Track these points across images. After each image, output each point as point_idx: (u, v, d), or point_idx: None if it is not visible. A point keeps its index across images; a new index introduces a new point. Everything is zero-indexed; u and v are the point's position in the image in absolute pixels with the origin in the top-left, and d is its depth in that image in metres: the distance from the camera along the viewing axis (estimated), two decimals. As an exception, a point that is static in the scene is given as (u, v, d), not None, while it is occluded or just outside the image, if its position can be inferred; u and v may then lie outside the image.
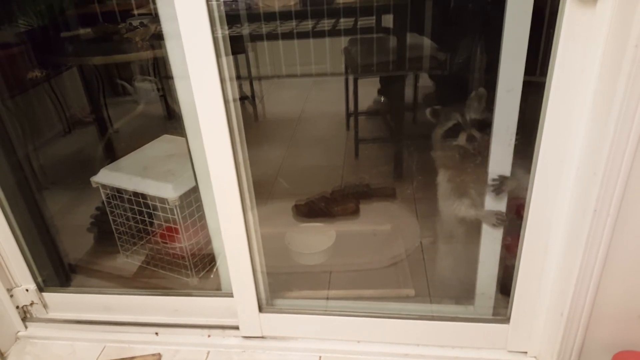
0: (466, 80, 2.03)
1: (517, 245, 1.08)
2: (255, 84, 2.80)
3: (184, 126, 1.12)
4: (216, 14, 0.96)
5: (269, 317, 1.29)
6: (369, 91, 2.52)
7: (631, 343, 1.02)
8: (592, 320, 1.01)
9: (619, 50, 0.77)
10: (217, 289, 1.34)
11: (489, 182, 1.10)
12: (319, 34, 2.28)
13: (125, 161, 1.63)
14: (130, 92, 2.62)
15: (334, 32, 2.23)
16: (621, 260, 0.93)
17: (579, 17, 0.81)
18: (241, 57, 2.58)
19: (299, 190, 1.99)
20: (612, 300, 0.98)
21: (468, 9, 1.98)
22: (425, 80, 2.30)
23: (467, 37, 1.95)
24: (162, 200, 1.45)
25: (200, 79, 1.00)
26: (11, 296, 1.38)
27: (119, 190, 1.55)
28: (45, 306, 1.43)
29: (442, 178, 1.29)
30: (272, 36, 2.26)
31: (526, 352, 1.19)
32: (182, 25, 0.95)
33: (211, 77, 1.00)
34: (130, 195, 1.53)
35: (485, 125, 1.14)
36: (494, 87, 0.99)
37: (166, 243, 1.59)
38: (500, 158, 1.05)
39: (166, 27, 1.01)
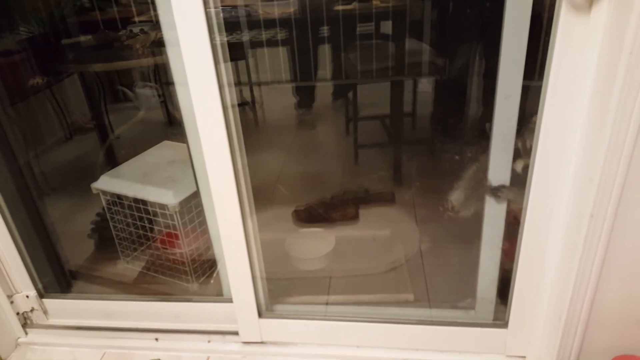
0: (465, 85, 2.04)
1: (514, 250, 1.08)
2: (256, 90, 2.81)
3: (185, 132, 1.13)
4: (214, 21, 0.97)
5: (268, 323, 1.29)
6: (368, 96, 2.53)
7: (629, 347, 1.02)
8: (590, 324, 1.01)
9: (613, 57, 0.78)
10: (218, 295, 1.34)
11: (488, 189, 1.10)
12: (318, 41, 2.30)
13: (125, 167, 1.63)
14: (131, 99, 2.63)
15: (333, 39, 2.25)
16: (618, 265, 0.94)
17: (574, 24, 0.82)
18: (241, 63, 2.59)
19: (299, 195, 1.99)
20: (610, 304, 0.98)
21: (466, 15, 1.99)
22: (424, 86, 2.31)
23: (465, 42, 1.96)
24: (162, 207, 1.46)
25: (199, 85, 1.01)
26: (11, 302, 1.39)
27: (119, 197, 1.56)
28: (45, 312, 1.43)
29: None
30: (272, 43, 2.27)
31: (525, 357, 1.19)
32: (180, 33, 0.96)
33: (210, 84, 1.00)
34: (130, 202, 1.53)
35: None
36: (493, 92, 0.99)
37: (166, 249, 1.59)
38: (499, 165, 1.05)
39: (167, 34, 1.02)
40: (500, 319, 1.19)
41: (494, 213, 1.12)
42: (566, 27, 0.83)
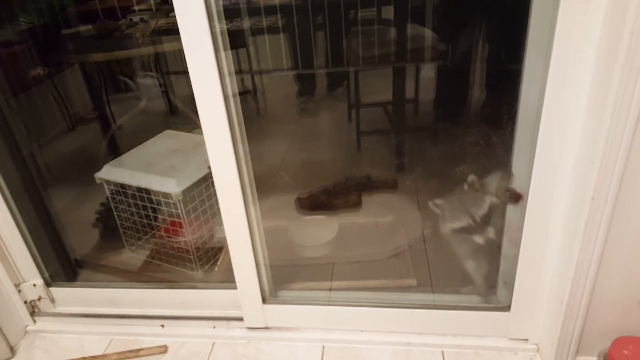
0: (468, 70, 2.03)
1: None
2: (257, 78, 2.80)
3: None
4: (214, 9, 0.96)
5: (272, 309, 1.30)
6: (370, 83, 2.52)
7: (631, 329, 1.03)
8: (592, 307, 1.01)
9: (615, 38, 0.77)
10: (222, 281, 1.35)
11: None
12: (319, 27, 2.29)
13: (128, 157, 1.64)
14: (132, 88, 2.62)
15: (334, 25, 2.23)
16: (619, 247, 0.94)
17: (576, 4, 0.82)
18: (242, 51, 2.58)
19: (302, 183, 2.00)
20: (611, 287, 0.99)
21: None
22: (426, 71, 2.29)
23: (468, 27, 1.94)
24: (166, 195, 1.46)
25: (199, 74, 1.01)
26: (19, 291, 1.40)
27: (122, 186, 1.56)
28: (52, 301, 1.45)
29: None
30: (272, 30, 2.26)
31: (527, 340, 1.20)
32: (179, 20, 0.96)
33: (210, 72, 1.00)
34: (134, 191, 1.54)
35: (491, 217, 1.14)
36: (498, 77, 0.97)
37: (170, 237, 1.60)
38: (524, 151, 1.02)
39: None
40: (502, 302, 1.19)
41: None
42: (567, 7, 0.82)
